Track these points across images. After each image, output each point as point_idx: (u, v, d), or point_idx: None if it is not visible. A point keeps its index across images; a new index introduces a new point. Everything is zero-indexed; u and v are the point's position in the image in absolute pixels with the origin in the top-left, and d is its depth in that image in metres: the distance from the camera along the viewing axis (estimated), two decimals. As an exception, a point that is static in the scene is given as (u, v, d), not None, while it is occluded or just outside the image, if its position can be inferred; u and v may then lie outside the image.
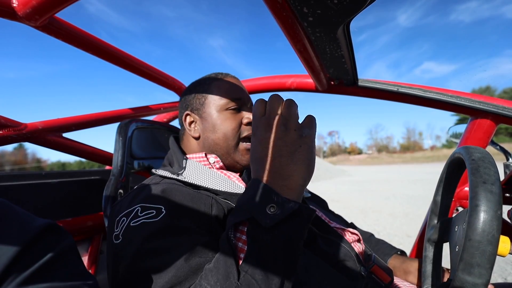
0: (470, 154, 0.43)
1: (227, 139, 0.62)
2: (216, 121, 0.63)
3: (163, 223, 0.43)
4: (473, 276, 0.35)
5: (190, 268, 0.39)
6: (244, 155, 0.63)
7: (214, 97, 0.64)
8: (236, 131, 0.62)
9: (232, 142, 0.62)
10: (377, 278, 0.55)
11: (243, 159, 0.63)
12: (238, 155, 0.63)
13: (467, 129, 0.84)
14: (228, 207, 0.51)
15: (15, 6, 0.55)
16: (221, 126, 0.62)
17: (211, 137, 0.63)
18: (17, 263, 0.27)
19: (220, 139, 0.62)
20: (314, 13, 0.49)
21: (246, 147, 0.63)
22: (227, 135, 0.62)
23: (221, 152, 0.63)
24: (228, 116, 0.63)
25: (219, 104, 0.63)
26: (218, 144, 0.62)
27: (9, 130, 0.68)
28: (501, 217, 0.36)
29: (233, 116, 0.63)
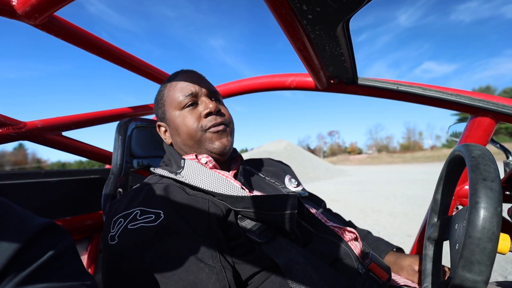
0: (470, 151, 0.43)
1: (192, 136, 0.61)
2: (178, 123, 0.63)
3: (161, 227, 0.43)
4: (473, 273, 0.35)
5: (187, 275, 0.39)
6: (215, 141, 0.61)
7: (168, 101, 0.65)
8: (197, 125, 0.61)
9: (197, 136, 0.61)
10: (375, 275, 0.55)
11: (215, 146, 0.61)
12: (208, 144, 0.61)
13: (467, 127, 0.84)
14: (225, 208, 0.51)
15: (14, 4, 0.55)
16: (183, 127, 0.62)
17: (178, 140, 0.64)
18: (15, 262, 0.27)
19: (186, 139, 0.62)
20: (314, 11, 0.49)
21: (213, 131, 0.61)
22: (190, 133, 0.61)
23: (194, 149, 0.63)
24: (186, 115, 0.62)
25: (174, 105, 0.64)
26: (186, 145, 0.63)
27: (8, 128, 0.68)
28: (501, 214, 0.36)
29: (192, 112, 0.62)
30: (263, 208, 0.50)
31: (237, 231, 0.49)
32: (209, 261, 0.42)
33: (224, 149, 0.62)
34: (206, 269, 0.41)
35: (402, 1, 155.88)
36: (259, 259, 0.47)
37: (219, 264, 0.42)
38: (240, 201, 0.50)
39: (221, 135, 0.62)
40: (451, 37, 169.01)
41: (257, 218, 0.51)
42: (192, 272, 0.40)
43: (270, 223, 0.51)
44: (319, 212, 0.69)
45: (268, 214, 0.50)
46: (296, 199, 0.52)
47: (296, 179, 0.78)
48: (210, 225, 0.47)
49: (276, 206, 0.50)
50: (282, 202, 0.50)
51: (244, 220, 0.51)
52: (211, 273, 0.40)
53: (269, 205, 0.50)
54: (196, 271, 0.40)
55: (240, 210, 0.51)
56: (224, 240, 0.47)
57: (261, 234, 0.50)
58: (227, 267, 0.43)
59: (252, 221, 0.52)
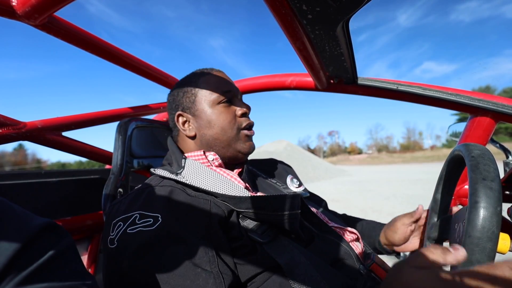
0: (470, 151, 0.43)
1: (226, 132, 0.62)
2: (211, 116, 0.63)
3: (158, 231, 0.43)
4: (472, 273, 0.35)
5: (184, 281, 0.39)
6: (245, 142, 0.64)
7: (204, 93, 0.64)
8: (233, 123, 0.63)
9: (232, 133, 0.63)
10: (376, 276, 0.55)
11: (245, 147, 0.64)
12: (240, 143, 0.64)
13: (466, 127, 0.84)
14: (227, 209, 0.51)
15: (14, 4, 0.55)
16: (217, 121, 0.62)
17: (208, 133, 0.63)
18: (15, 262, 0.27)
19: (219, 133, 0.63)
20: (313, 11, 0.49)
21: (246, 134, 0.65)
22: (225, 129, 0.62)
23: (222, 145, 0.63)
24: (221, 110, 0.63)
25: (211, 99, 0.63)
26: (218, 139, 0.63)
27: (8, 128, 0.68)
28: (501, 214, 0.36)
29: (227, 109, 0.64)
30: (266, 208, 0.50)
31: (239, 232, 0.49)
32: (206, 266, 0.41)
33: (251, 151, 0.66)
34: (203, 274, 0.40)
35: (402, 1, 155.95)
36: (261, 259, 0.47)
37: (217, 270, 0.41)
38: (243, 202, 0.50)
39: (251, 138, 0.66)
40: (451, 37, 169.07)
41: (259, 219, 0.50)
42: (189, 278, 0.40)
43: (272, 223, 0.51)
44: (320, 212, 0.69)
45: (271, 214, 0.50)
46: (298, 199, 0.52)
47: (298, 180, 0.78)
48: (210, 227, 0.46)
49: (279, 207, 0.49)
50: (285, 202, 0.50)
51: (245, 220, 0.51)
52: (208, 278, 0.40)
53: (272, 205, 0.50)
54: (193, 276, 0.40)
55: (243, 211, 0.51)
56: (225, 242, 0.47)
57: (263, 234, 0.49)
58: (225, 272, 0.43)
59: (253, 221, 0.51)
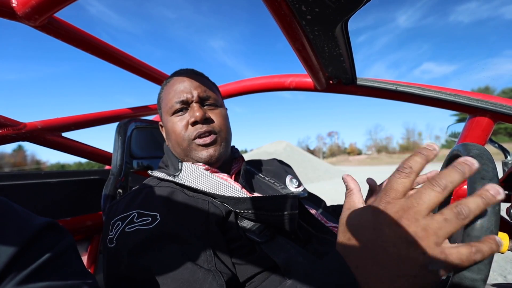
0: (468, 150, 0.43)
1: (179, 144, 0.61)
2: (168, 127, 0.63)
3: (157, 230, 0.43)
4: (471, 272, 0.35)
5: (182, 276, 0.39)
6: (201, 151, 0.60)
7: (163, 103, 0.65)
8: (183, 133, 0.60)
9: (184, 144, 0.60)
10: None
11: (201, 157, 0.60)
12: (195, 154, 0.60)
13: (465, 127, 0.84)
14: (225, 210, 0.51)
15: (14, 6, 0.55)
16: (172, 133, 0.62)
17: (170, 144, 0.64)
18: (16, 261, 0.27)
19: (175, 145, 0.63)
20: (312, 11, 0.49)
21: (198, 144, 0.60)
22: (178, 140, 0.61)
23: (181, 156, 0.62)
24: (175, 121, 0.61)
25: (166, 110, 0.63)
26: (175, 150, 0.63)
27: (8, 129, 0.68)
28: (499, 213, 0.36)
29: (180, 119, 0.61)
30: (264, 209, 0.50)
31: (237, 232, 0.49)
32: (204, 265, 0.41)
33: (210, 159, 0.60)
34: (201, 272, 0.40)
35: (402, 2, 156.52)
36: (259, 259, 0.47)
37: (215, 268, 0.42)
38: (242, 203, 0.50)
39: (208, 146, 0.60)
40: (451, 38, 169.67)
41: (257, 219, 0.51)
42: (187, 274, 0.40)
43: (270, 223, 0.51)
44: (318, 212, 0.69)
45: (269, 215, 0.50)
46: (296, 199, 0.52)
47: (298, 180, 0.78)
48: (208, 227, 0.47)
49: (277, 207, 0.50)
50: (282, 203, 0.50)
51: (243, 221, 0.52)
52: (207, 274, 0.40)
53: (270, 206, 0.50)
54: (191, 272, 0.40)
55: (241, 212, 0.51)
56: (223, 242, 0.47)
57: (260, 234, 0.50)
58: (223, 271, 0.43)
59: (251, 221, 0.52)
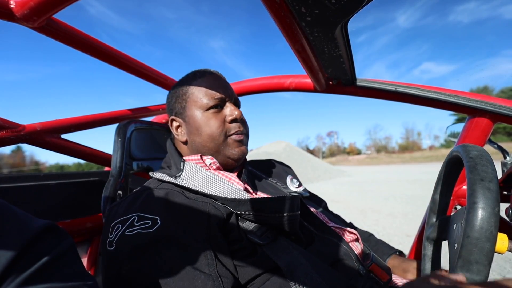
0: (468, 152, 0.43)
1: (214, 139, 0.61)
2: (200, 123, 0.62)
3: (157, 234, 0.43)
4: (471, 273, 0.36)
5: (182, 282, 0.39)
6: (235, 148, 0.62)
7: (194, 99, 0.63)
8: (221, 129, 0.61)
9: (219, 140, 0.61)
10: (376, 276, 0.55)
11: (234, 153, 0.62)
12: (228, 150, 0.62)
13: (464, 128, 0.84)
14: (226, 212, 0.50)
15: (12, 7, 0.55)
16: (205, 128, 0.61)
17: (197, 140, 0.63)
18: (16, 264, 0.27)
19: (206, 140, 0.61)
20: (312, 13, 0.49)
21: (235, 139, 0.62)
22: (213, 135, 0.61)
23: (211, 152, 0.62)
24: (210, 117, 0.62)
25: (200, 105, 0.62)
26: (206, 146, 0.62)
27: (7, 131, 0.68)
28: (498, 214, 0.36)
29: (216, 116, 0.62)
30: (265, 210, 0.50)
31: (238, 234, 0.49)
32: (205, 269, 0.41)
33: (242, 157, 0.63)
34: (202, 276, 0.40)
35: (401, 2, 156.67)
36: (261, 261, 0.47)
37: (215, 272, 0.41)
38: (242, 204, 0.50)
39: (241, 143, 0.64)
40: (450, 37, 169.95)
41: (259, 221, 0.50)
42: (187, 280, 0.40)
43: (272, 225, 0.51)
44: (320, 212, 0.69)
45: (270, 216, 0.50)
46: (298, 200, 0.52)
47: (298, 180, 0.78)
48: (209, 230, 0.46)
49: (278, 208, 0.49)
50: (284, 204, 0.50)
51: (245, 222, 0.51)
52: (207, 281, 0.40)
53: (271, 207, 0.50)
54: (191, 278, 0.40)
55: (242, 213, 0.50)
56: (224, 244, 0.47)
57: (262, 236, 0.49)
58: (223, 274, 0.42)
59: (253, 223, 0.51)
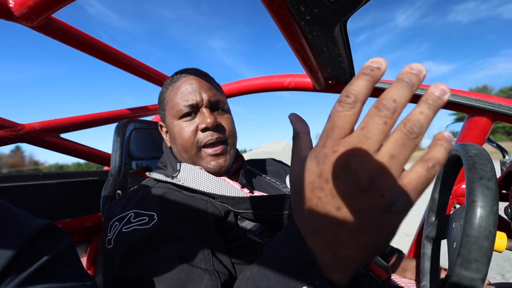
0: (467, 150, 0.43)
1: (186, 150, 0.59)
2: (174, 132, 0.60)
3: (154, 230, 0.43)
4: (470, 271, 0.36)
5: (179, 276, 0.39)
6: (210, 162, 0.58)
7: (168, 106, 0.61)
8: (192, 140, 0.58)
9: (192, 151, 0.58)
10: (375, 275, 0.56)
11: (210, 167, 0.58)
12: (203, 162, 0.59)
13: (464, 127, 0.84)
14: (224, 209, 0.51)
15: (11, 6, 0.54)
16: (178, 138, 0.59)
17: (175, 148, 0.62)
18: (15, 264, 0.27)
19: (180, 150, 0.60)
20: (311, 12, 0.49)
21: (208, 154, 0.58)
22: (185, 146, 0.58)
23: (188, 162, 0.60)
24: (183, 126, 0.59)
25: (173, 113, 0.60)
26: (181, 155, 0.61)
27: (6, 131, 0.68)
28: (497, 213, 0.36)
29: (189, 124, 0.58)
30: (264, 208, 0.50)
31: (237, 232, 0.49)
32: (201, 265, 0.41)
33: (220, 170, 0.59)
34: (198, 270, 0.41)
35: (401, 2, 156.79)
36: None
37: (212, 268, 0.42)
38: (241, 203, 0.50)
39: (218, 156, 0.59)
40: (449, 37, 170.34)
41: (258, 219, 0.51)
42: (184, 274, 0.40)
43: (271, 223, 0.51)
44: None
45: (269, 214, 0.50)
46: None
47: None
48: (206, 227, 0.46)
49: (277, 207, 0.50)
50: (284, 202, 0.50)
51: (244, 221, 0.51)
52: (203, 275, 0.40)
53: (270, 205, 0.50)
54: (188, 273, 0.40)
55: (241, 212, 0.51)
56: (221, 242, 0.47)
57: (261, 234, 0.50)
58: (220, 271, 0.43)
59: (252, 221, 0.52)
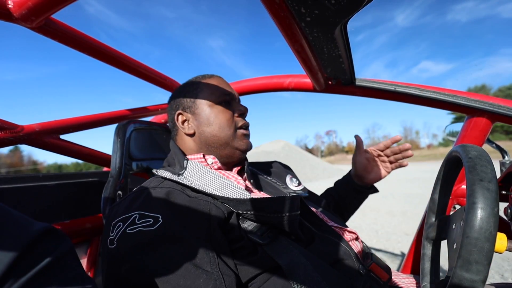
0: (467, 152, 0.43)
1: (224, 130, 0.65)
2: (210, 115, 0.66)
3: (159, 232, 0.43)
4: (471, 272, 0.36)
5: (185, 281, 0.39)
6: (243, 140, 0.67)
7: (204, 94, 0.68)
8: (231, 121, 0.66)
9: (229, 131, 0.66)
10: (376, 276, 0.56)
11: (242, 144, 0.67)
12: (237, 141, 0.66)
13: (463, 127, 0.84)
14: (227, 211, 0.51)
15: (10, 7, 0.54)
16: (216, 119, 0.66)
17: (207, 130, 0.66)
18: (15, 268, 0.27)
19: (217, 130, 0.65)
20: (312, 13, 0.49)
21: (243, 133, 0.68)
22: (223, 126, 0.65)
23: (220, 142, 0.65)
24: (220, 110, 0.67)
25: (211, 99, 0.67)
26: (215, 136, 0.65)
27: (5, 132, 0.67)
28: (498, 215, 0.36)
29: (225, 109, 0.67)
30: (265, 210, 0.50)
31: (239, 233, 0.49)
32: (207, 267, 0.41)
33: (248, 149, 0.68)
34: (204, 275, 0.40)
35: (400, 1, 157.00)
36: (261, 260, 0.47)
37: (217, 270, 0.42)
38: (242, 204, 0.50)
39: (247, 137, 0.70)
40: (448, 36, 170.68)
41: (259, 220, 0.51)
42: (190, 278, 0.40)
43: (272, 224, 0.51)
44: (320, 211, 0.70)
45: (271, 216, 0.50)
46: (298, 200, 0.52)
47: (297, 179, 0.79)
48: (210, 229, 0.46)
49: (279, 208, 0.50)
50: (284, 204, 0.50)
51: (245, 222, 0.51)
52: (209, 279, 0.40)
53: (272, 207, 0.50)
54: (193, 277, 0.40)
55: (242, 213, 0.51)
56: (225, 243, 0.47)
57: (262, 235, 0.49)
58: (226, 272, 0.43)
59: (253, 222, 0.52)
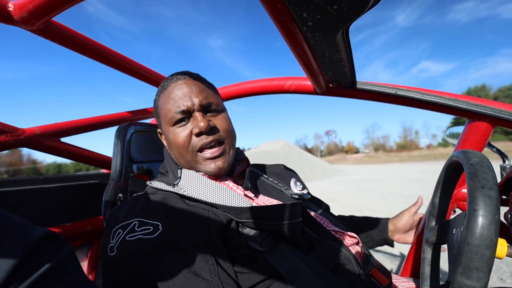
0: (468, 158, 0.43)
1: (183, 155, 0.59)
2: (170, 139, 0.61)
3: (159, 241, 0.43)
4: (471, 279, 0.36)
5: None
6: (208, 164, 0.58)
7: (162, 114, 0.62)
8: (187, 145, 0.58)
9: (188, 156, 0.59)
10: (376, 280, 0.56)
11: (209, 170, 0.58)
12: (201, 166, 0.59)
13: (464, 131, 0.84)
14: (226, 218, 0.50)
15: (11, 10, 0.54)
16: (174, 144, 0.59)
17: (172, 154, 0.63)
18: (16, 274, 0.27)
19: (178, 156, 0.60)
20: (314, 18, 0.49)
21: (205, 157, 0.58)
22: (181, 152, 0.59)
23: (187, 166, 0.60)
24: (177, 132, 0.59)
25: (166, 120, 0.60)
26: (179, 161, 0.61)
27: (6, 135, 0.67)
28: (499, 222, 0.36)
29: (183, 130, 0.58)
30: (266, 218, 0.50)
31: (239, 241, 0.49)
32: (206, 276, 0.41)
33: (219, 172, 0.59)
34: (203, 283, 0.40)
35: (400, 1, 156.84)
36: (262, 268, 0.47)
37: (217, 278, 0.42)
38: (243, 213, 0.50)
39: (216, 158, 0.58)
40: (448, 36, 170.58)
41: (259, 227, 0.50)
42: (189, 287, 0.40)
43: (273, 232, 0.51)
44: (321, 216, 0.69)
45: (271, 224, 0.50)
46: (299, 207, 0.52)
47: (302, 183, 0.78)
48: (210, 237, 0.46)
49: (279, 216, 0.49)
50: (284, 212, 0.50)
51: (245, 229, 0.51)
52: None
53: (272, 215, 0.50)
54: (193, 285, 0.40)
55: (243, 221, 0.50)
56: (225, 251, 0.47)
57: (263, 242, 0.49)
58: (225, 281, 0.43)
59: (253, 230, 0.51)
